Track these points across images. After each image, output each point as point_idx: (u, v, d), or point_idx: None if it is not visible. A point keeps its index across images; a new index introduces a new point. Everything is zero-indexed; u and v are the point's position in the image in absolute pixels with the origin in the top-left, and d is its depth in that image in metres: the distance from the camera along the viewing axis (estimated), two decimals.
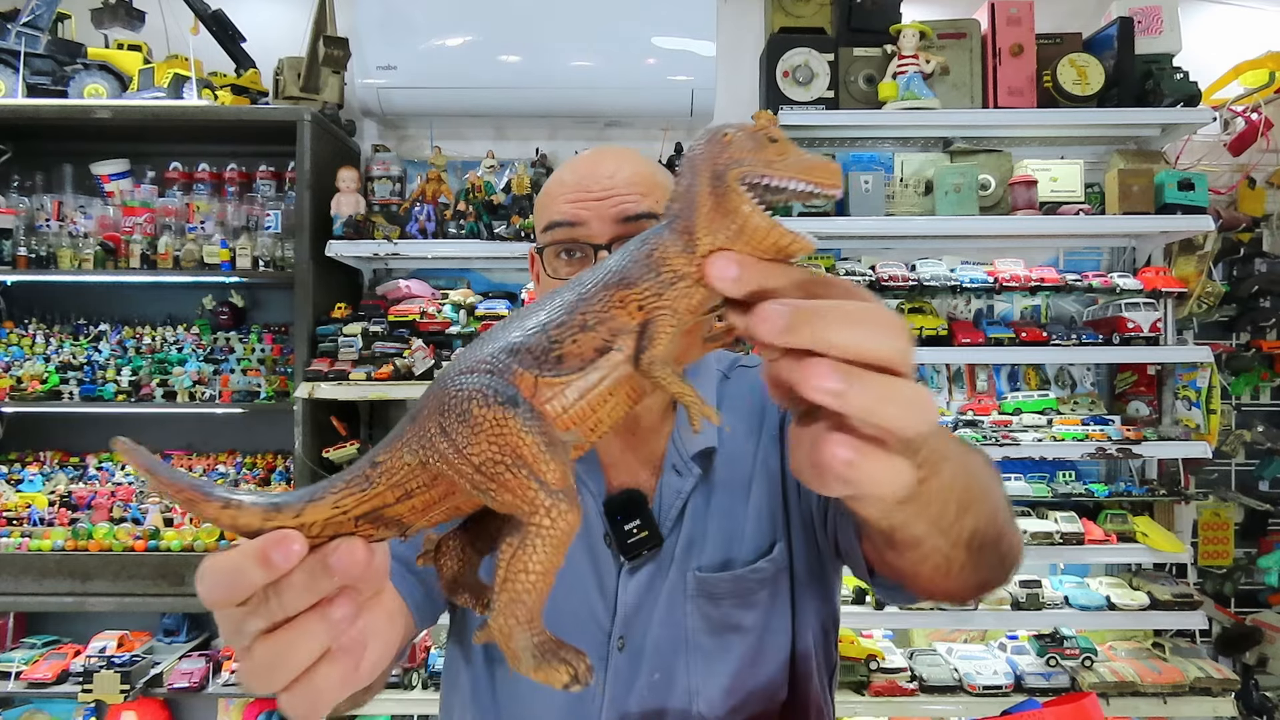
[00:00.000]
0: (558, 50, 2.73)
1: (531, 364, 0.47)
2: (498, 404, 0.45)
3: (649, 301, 0.47)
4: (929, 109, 2.65)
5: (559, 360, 0.47)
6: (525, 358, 0.47)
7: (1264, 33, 3.02)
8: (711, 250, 0.47)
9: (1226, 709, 2.51)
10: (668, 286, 0.47)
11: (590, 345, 0.47)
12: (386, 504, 0.48)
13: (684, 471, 1.03)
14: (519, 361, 0.47)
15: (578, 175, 1.03)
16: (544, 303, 0.50)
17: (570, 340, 0.47)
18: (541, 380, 0.47)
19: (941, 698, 2.49)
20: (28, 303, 2.90)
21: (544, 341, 0.47)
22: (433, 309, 2.65)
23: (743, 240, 0.47)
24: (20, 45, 2.62)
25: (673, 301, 0.47)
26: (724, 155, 0.47)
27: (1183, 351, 2.70)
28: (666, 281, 0.47)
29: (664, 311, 0.47)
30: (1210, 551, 2.93)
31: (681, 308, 0.47)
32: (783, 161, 0.47)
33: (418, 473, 0.48)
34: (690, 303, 0.48)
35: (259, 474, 2.76)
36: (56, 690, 2.50)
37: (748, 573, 0.99)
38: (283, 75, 2.71)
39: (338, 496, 0.48)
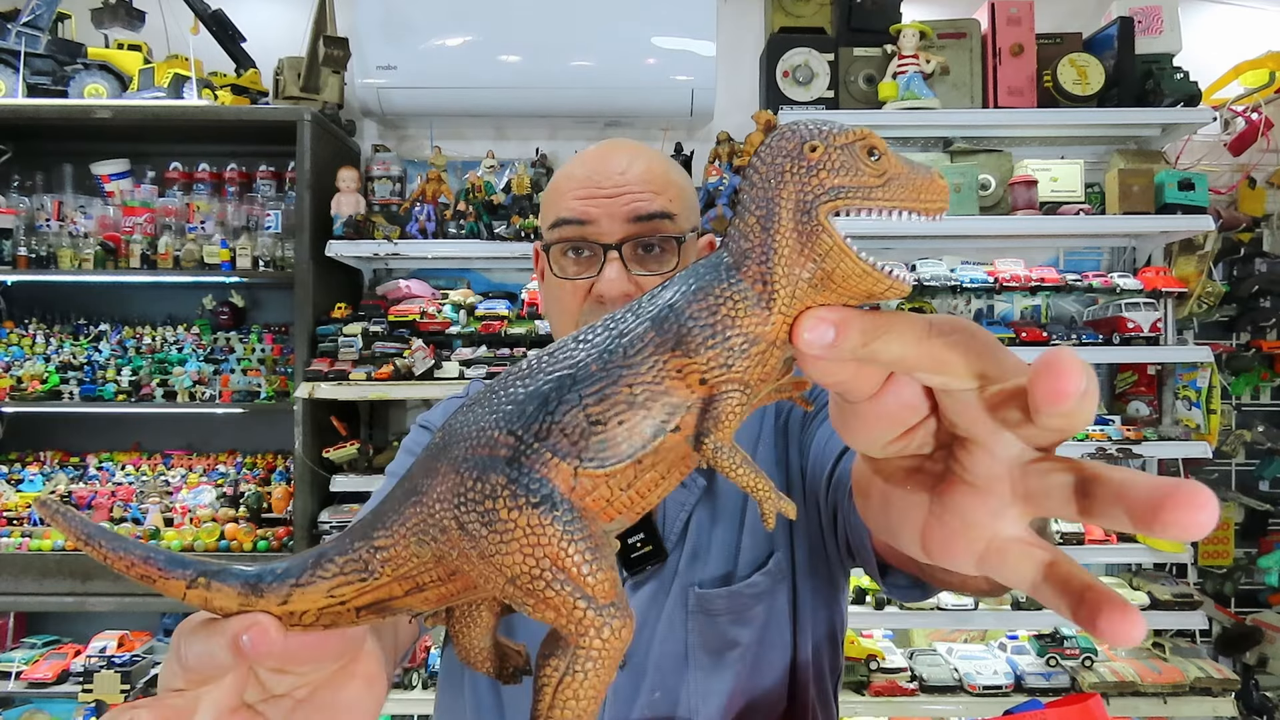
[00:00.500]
0: (558, 50, 2.73)
1: (568, 450, 0.38)
2: (530, 506, 0.37)
3: (714, 375, 0.37)
4: (929, 109, 2.65)
5: (602, 447, 0.38)
6: (559, 441, 0.38)
7: (1264, 33, 3.02)
8: (792, 303, 0.37)
9: (1226, 709, 2.51)
10: (739, 354, 0.37)
11: (641, 428, 0.38)
12: (393, 596, 0.42)
13: (688, 483, 1.00)
14: (551, 446, 0.38)
15: (588, 170, 0.99)
16: (568, 353, 0.40)
17: (616, 421, 0.38)
18: (582, 471, 0.38)
19: (942, 698, 2.49)
20: (28, 303, 2.90)
21: (582, 421, 0.38)
22: (433, 309, 2.65)
23: (830, 288, 0.38)
24: (20, 45, 2.62)
25: (744, 373, 0.38)
26: (813, 181, 0.37)
27: (1183, 351, 2.70)
28: (737, 348, 0.37)
29: (733, 387, 0.38)
30: (1210, 551, 2.93)
31: (754, 378, 0.38)
32: (884, 186, 0.38)
33: (431, 567, 0.41)
34: (764, 370, 0.38)
35: (259, 474, 2.76)
36: (57, 690, 2.50)
37: (743, 588, 0.97)
38: (283, 75, 2.71)
39: (332, 584, 0.41)
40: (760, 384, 0.39)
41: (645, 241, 0.99)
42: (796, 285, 0.37)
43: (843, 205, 0.37)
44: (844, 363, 0.37)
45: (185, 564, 0.42)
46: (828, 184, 0.37)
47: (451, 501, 0.39)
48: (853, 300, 0.38)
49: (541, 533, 0.37)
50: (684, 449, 0.39)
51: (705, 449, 0.38)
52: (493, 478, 0.38)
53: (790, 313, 0.38)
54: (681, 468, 0.40)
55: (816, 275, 0.37)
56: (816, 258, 0.37)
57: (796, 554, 1.00)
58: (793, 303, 0.38)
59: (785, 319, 0.38)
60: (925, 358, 0.36)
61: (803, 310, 0.38)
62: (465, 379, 2.53)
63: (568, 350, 0.40)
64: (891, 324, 0.36)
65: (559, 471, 0.38)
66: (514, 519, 0.37)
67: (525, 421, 0.38)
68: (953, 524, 0.38)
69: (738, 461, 0.38)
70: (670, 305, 0.39)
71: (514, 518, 0.37)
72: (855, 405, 0.39)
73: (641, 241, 0.98)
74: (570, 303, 1.01)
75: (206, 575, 0.42)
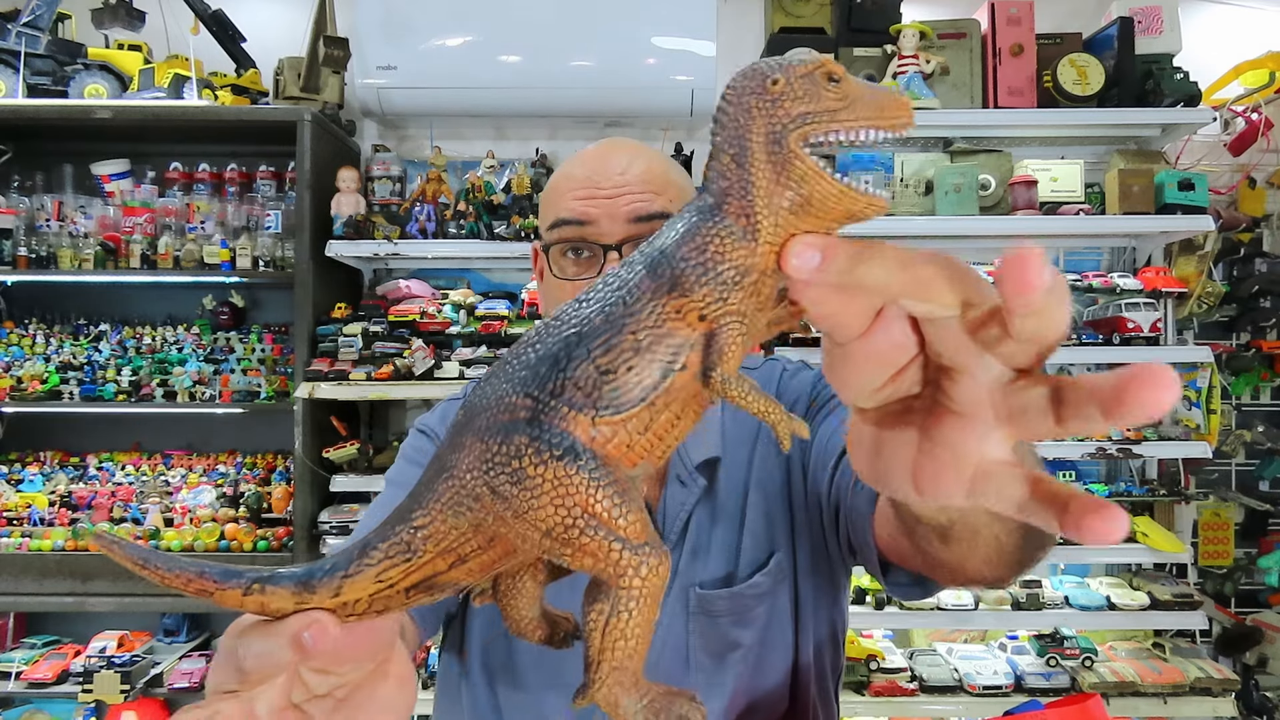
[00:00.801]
0: (558, 50, 2.73)
1: (583, 402, 0.39)
2: (555, 459, 0.39)
3: (712, 309, 0.39)
4: (929, 109, 2.65)
5: (615, 395, 0.39)
6: (574, 395, 0.39)
7: (1264, 33, 3.02)
8: (776, 232, 0.39)
9: (1226, 709, 2.51)
10: (732, 287, 0.39)
11: (649, 371, 0.39)
12: (439, 571, 0.43)
13: (688, 482, 0.99)
14: (567, 401, 0.39)
15: (587, 170, 0.98)
16: (572, 314, 0.41)
17: (624, 368, 0.39)
18: (599, 420, 0.39)
19: (941, 698, 2.49)
20: (28, 303, 2.90)
21: (593, 373, 0.39)
22: (433, 309, 2.65)
23: (810, 213, 0.39)
24: (20, 45, 2.62)
25: (739, 304, 0.39)
26: (779, 111, 0.39)
27: (1183, 351, 2.70)
28: (730, 281, 0.39)
29: (731, 318, 0.39)
30: (1210, 551, 2.93)
31: (750, 308, 0.40)
32: (848, 108, 0.39)
33: (470, 536, 0.42)
34: (758, 299, 0.40)
35: (259, 474, 2.76)
36: (56, 690, 2.50)
37: (745, 589, 0.96)
38: (283, 75, 2.71)
39: (379, 569, 0.42)
40: (757, 314, 0.40)
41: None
42: (778, 213, 0.39)
43: (811, 131, 0.39)
44: (833, 290, 0.38)
45: (238, 574, 0.43)
46: (794, 112, 0.39)
47: (480, 469, 0.40)
48: (834, 223, 0.40)
49: (569, 483, 0.38)
50: (693, 387, 0.40)
51: (713, 382, 0.39)
52: (516, 439, 0.39)
53: (776, 241, 0.39)
54: (695, 406, 0.41)
55: (795, 201, 0.39)
56: (793, 184, 0.39)
57: (798, 554, 0.99)
58: (777, 231, 0.39)
59: (772, 247, 0.39)
60: (911, 282, 0.37)
61: (788, 238, 0.39)
62: (465, 379, 2.53)
63: (571, 311, 0.42)
64: (875, 250, 0.37)
65: (578, 423, 0.39)
66: (541, 474, 0.39)
67: (540, 382, 0.40)
68: (942, 456, 0.39)
69: (745, 390, 0.40)
70: (661, 251, 0.41)
71: (541, 473, 0.39)
72: (847, 349, 0.40)
73: (641, 242, 0.98)
74: None
75: (260, 581, 0.42)
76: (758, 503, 1.00)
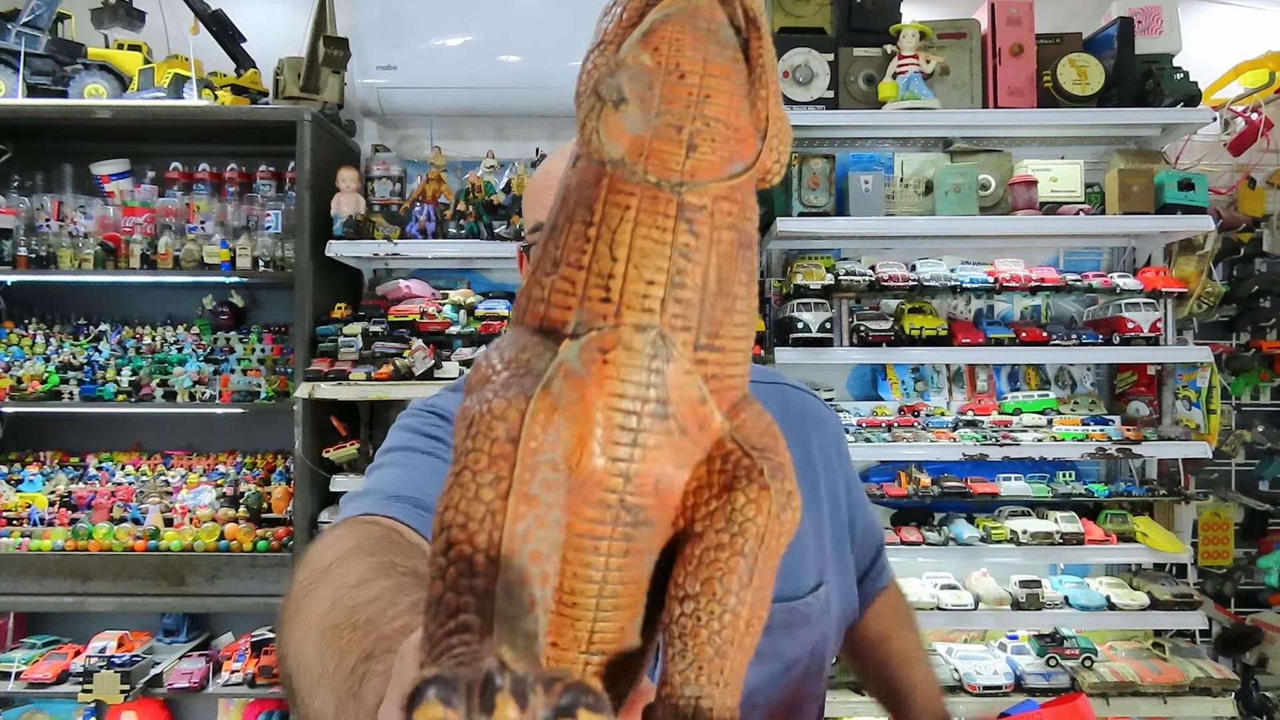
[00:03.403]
0: (558, 50, 2.73)
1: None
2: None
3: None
4: (929, 109, 2.65)
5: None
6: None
7: (1264, 33, 3.02)
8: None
9: (1226, 709, 2.50)
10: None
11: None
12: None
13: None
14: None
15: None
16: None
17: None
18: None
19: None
20: (28, 303, 2.90)
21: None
22: (433, 309, 2.65)
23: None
24: (20, 45, 2.62)
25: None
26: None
27: (1183, 351, 2.70)
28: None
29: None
30: (1210, 551, 2.93)
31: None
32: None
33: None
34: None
35: (259, 474, 2.76)
36: (56, 690, 2.50)
37: (800, 605, 0.96)
38: (283, 75, 2.71)
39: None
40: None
41: None
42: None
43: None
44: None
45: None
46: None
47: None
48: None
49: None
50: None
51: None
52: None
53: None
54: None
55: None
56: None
57: (831, 588, 1.01)
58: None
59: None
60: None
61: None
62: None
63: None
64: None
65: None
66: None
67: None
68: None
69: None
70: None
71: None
72: None
73: None
74: None
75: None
76: (809, 525, 1.00)
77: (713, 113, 0.33)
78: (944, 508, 2.75)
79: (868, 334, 2.62)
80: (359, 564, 0.64)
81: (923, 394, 2.93)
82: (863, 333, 2.64)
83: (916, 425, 2.72)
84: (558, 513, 0.32)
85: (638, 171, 0.33)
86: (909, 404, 2.86)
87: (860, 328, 2.66)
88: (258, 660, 2.54)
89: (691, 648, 0.33)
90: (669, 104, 0.33)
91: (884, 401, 2.90)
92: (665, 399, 0.33)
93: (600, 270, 0.33)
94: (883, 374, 2.96)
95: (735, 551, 0.33)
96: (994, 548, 2.59)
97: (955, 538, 2.60)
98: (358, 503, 0.84)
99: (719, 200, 0.34)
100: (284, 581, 2.46)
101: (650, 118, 0.33)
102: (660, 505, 0.34)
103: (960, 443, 2.60)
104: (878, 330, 2.62)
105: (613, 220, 0.33)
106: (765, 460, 0.34)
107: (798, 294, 2.67)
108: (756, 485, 0.34)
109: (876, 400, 2.92)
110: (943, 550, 2.61)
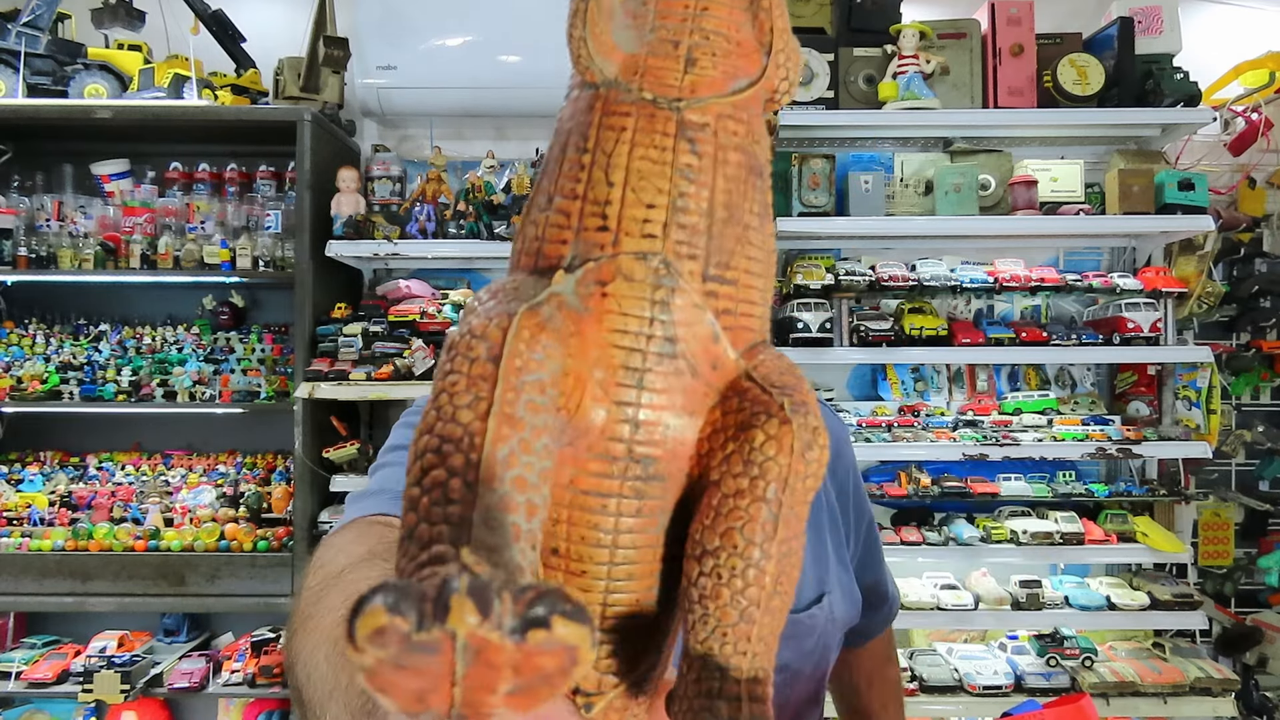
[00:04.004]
0: (558, 50, 2.69)
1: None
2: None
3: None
4: (929, 109, 2.65)
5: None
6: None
7: (1264, 33, 3.02)
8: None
9: (1226, 709, 2.50)
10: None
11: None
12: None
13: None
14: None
15: None
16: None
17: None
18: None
19: (941, 698, 2.49)
20: (28, 303, 2.90)
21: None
22: (433, 309, 2.65)
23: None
24: (20, 45, 2.62)
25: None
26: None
27: (1183, 351, 2.70)
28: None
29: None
30: (1210, 551, 2.93)
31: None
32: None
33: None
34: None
35: (259, 474, 2.76)
36: (56, 690, 2.50)
37: (804, 618, 0.96)
38: (283, 75, 2.71)
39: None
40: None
41: None
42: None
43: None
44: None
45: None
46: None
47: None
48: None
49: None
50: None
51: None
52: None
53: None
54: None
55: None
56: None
57: (835, 603, 1.01)
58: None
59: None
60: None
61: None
62: None
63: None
64: None
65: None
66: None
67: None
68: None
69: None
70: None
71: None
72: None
73: None
74: None
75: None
76: (812, 538, 1.01)
77: (711, 25, 0.31)
78: (944, 508, 2.75)
79: (868, 334, 2.62)
80: (372, 570, 0.62)
81: (923, 394, 2.93)
82: (863, 333, 2.64)
83: (916, 425, 2.72)
84: (547, 439, 0.28)
85: (633, 90, 0.31)
86: (909, 404, 2.86)
87: (860, 328, 2.66)
88: (258, 660, 2.54)
89: (713, 611, 0.29)
90: (664, 19, 0.31)
91: (884, 401, 2.90)
92: (673, 336, 0.30)
93: (596, 197, 0.31)
94: (883, 374, 2.96)
95: (756, 497, 0.29)
96: (994, 548, 2.59)
97: (955, 538, 2.60)
98: (365, 502, 0.81)
99: (723, 119, 0.31)
100: (284, 581, 2.46)
101: (644, 33, 0.31)
102: (672, 456, 0.31)
103: (960, 443, 2.60)
104: (878, 330, 2.62)
105: (608, 143, 0.31)
106: (786, 396, 0.30)
107: (798, 294, 2.66)
108: (776, 421, 0.30)
109: (876, 400, 2.92)
110: (943, 550, 2.61)
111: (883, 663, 1.26)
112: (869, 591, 1.11)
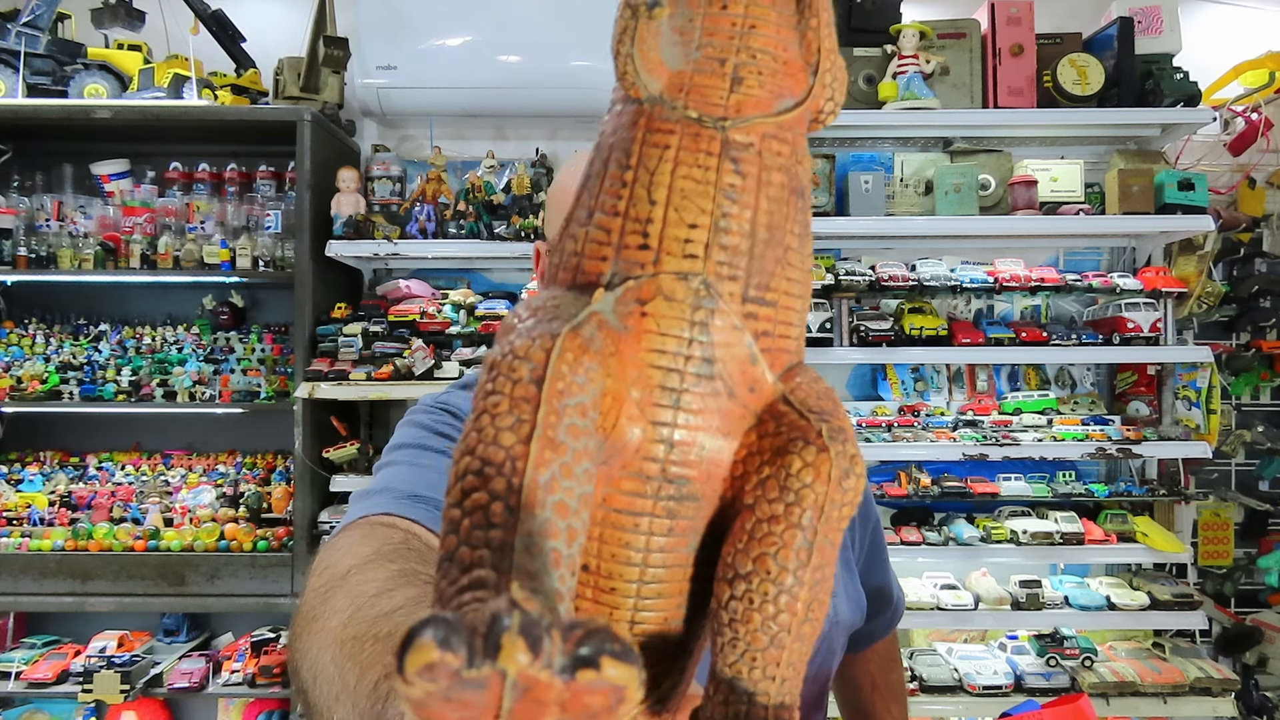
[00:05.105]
0: (558, 50, 2.73)
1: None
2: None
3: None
4: (929, 109, 2.65)
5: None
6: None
7: (1264, 33, 3.02)
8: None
9: (1226, 709, 2.50)
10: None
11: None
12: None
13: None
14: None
15: None
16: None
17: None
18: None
19: (941, 698, 2.49)
20: (28, 303, 2.90)
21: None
22: (433, 309, 2.65)
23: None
24: (20, 45, 2.62)
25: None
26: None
27: (1183, 351, 2.70)
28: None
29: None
30: (1210, 551, 2.93)
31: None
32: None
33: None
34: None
35: (259, 474, 2.76)
36: (56, 690, 2.50)
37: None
38: (283, 75, 2.71)
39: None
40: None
41: None
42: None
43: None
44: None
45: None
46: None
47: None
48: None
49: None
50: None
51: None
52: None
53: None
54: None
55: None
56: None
57: (840, 610, 1.02)
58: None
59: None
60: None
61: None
62: None
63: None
64: None
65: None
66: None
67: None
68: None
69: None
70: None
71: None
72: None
73: None
74: None
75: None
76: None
77: (759, 44, 0.31)
78: (944, 508, 2.75)
79: (868, 334, 2.62)
80: (379, 571, 0.61)
81: (923, 394, 2.93)
82: (863, 333, 2.64)
83: (916, 425, 2.72)
84: (588, 463, 0.28)
85: (678, 108, 0.31)
86: (909, 404, 2.86)
87: (860, 328, 2.66)
88: (258, 660, 2.54)
89: (743, 635, 0.30)
90: (711, 36, 0.31)
91: (884, 401, 2.90)
92: (711, 357, 0.30)
93: (638, 215, 0.30)
94: (883, 374, 2.96)
95: (791, 524, 0.30)
96: (994, 548, 2.59)
97: (955, 538, 2.60)
98: (370, 501, 0.80)
99: (767, 139, 0.31)
100: (284, 582, 2.46)
101: (690, 51, 0.31)
102: (706, 477, 0.31)
103: (960, 443, 2.60)
104: (878, 330, 2.62)
105: (651, 161, 0.31)
106: (824, 422, 0.31)
107: None
108: (814, 448, 0.30)
109: (876, 400, 2.92)
110: (943, 550, 2.61)
111: (887, 666, 1.26)
112: (875, 594, 1.12)
